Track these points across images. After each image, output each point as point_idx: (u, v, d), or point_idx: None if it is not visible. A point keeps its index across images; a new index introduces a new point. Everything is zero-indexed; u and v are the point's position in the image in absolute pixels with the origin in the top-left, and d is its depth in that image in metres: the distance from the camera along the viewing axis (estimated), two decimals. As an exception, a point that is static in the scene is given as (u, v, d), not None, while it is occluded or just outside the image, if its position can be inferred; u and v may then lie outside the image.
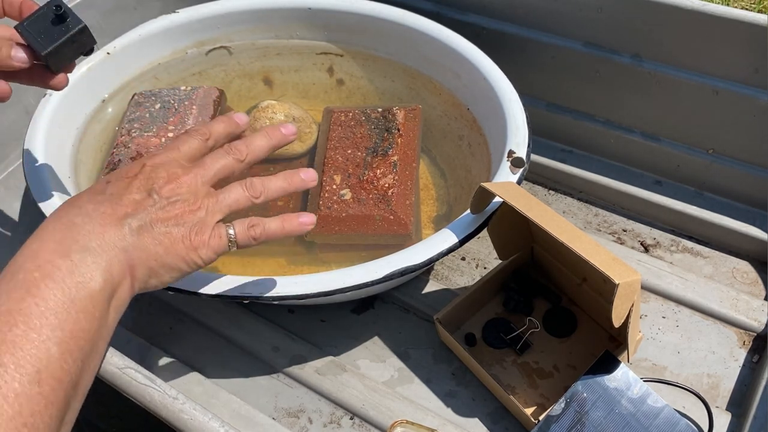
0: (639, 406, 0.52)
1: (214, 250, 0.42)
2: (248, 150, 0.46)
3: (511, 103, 0.63)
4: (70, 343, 0.34)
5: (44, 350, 0.33)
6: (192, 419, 0.43)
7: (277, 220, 0.45)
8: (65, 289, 0.35)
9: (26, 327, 0.33)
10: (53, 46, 0.45)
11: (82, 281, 0.36)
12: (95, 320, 0.36)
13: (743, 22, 0.61)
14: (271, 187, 0.45)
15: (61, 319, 0.34)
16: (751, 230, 0.68)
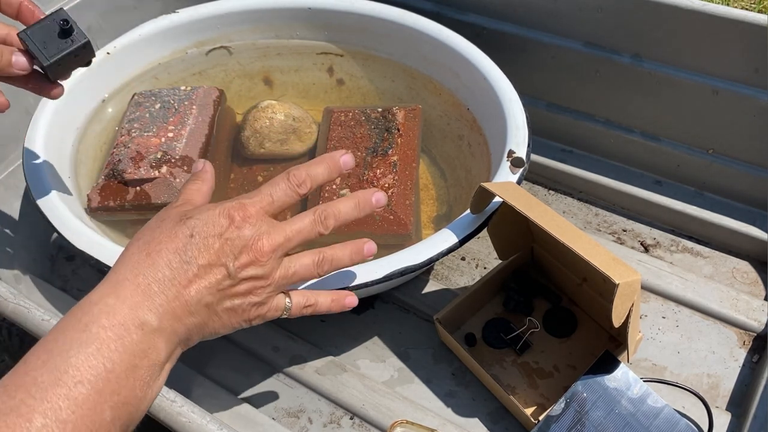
0: (639, 406, 0.52)
1: (265, 319, 0.43)
2: (335, 221, 0.44)
3: (511, 103, 0.63)
4: (121, 410, 0.35)
5: (99, 414, 0.33)
6: (190, 422, 0.43)
7: (328, 302, 0.46)
8: (132, 357, 0.36)
9: (90, 387, 0.33)
10: (56, 58, 0.46)
11: (147, 351, 0.36)
12: (149, 389, 0.37)
13: (743, 22, 0.61)
14: (339, 258, 0.45)
15: (121, 385, 0.35)
16: (751, 230, 0.68)
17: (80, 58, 0.48)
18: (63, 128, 0.67)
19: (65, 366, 0.33)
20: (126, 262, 0.39)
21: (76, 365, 0.33)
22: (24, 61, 0.46)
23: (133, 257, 0.39)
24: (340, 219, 0.44)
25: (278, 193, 0.43)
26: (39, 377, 0.33)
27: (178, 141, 0.67)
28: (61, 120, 0.67)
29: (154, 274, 0.38)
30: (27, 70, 0.46)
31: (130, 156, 0.66)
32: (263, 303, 0.42)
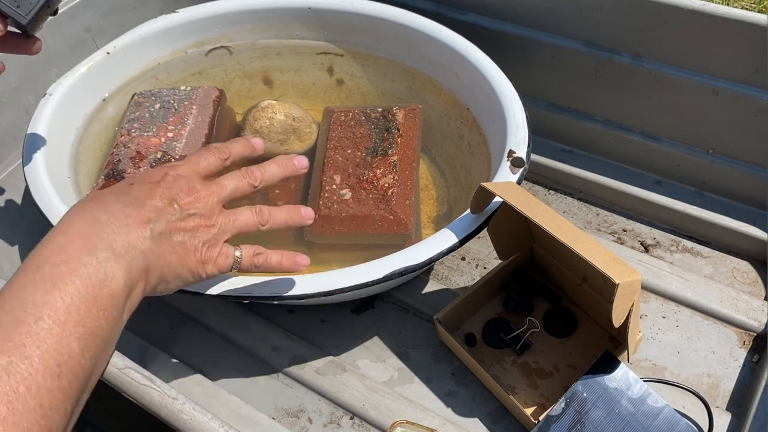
0: (639, 406, 0.52)
1: (219, 267, 0.44)
2: (262, 177, 0.48)
3: (511, 103, 0.63)
4: (89, 340, 0.35)
5: (66, 345, 0.34)
6: (192, 419, 0.43)
7: (278, 255, 0.48)
8: (90, 286, 0.36)
9: (51, 321, 0.34)
10: (33, 14, 0.46)
11: (105, 280, 0.37)
12: (113, 319, 0.37)
13: (743, 22, 0.61)
14: (276, 216, 0.48)
15: (84, 316, 0.35)
16: (751, 230, 0.68)
17: (50, 7, 0.48)
18: (63, 128, 0.67)
19: (23, 306, 0.34)
20: (71, 210, 0.40)
21: (34, 303, 0.34)
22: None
23: (79, 205, 0.41)
24: (266, 174, 0.48)
25: (204, 162, 0.46)
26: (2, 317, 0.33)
27: (178, 141, 0.67)
28: (61, 120, 0.67)
29: (104, 209, 0.40)
30: (1, 32, 0.46)
31: (130, 156, 0.66)
32: (212, 244, 0.44)
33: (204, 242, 0.43)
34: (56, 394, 0.33)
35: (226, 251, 0.45)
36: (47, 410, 0.32)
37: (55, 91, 0.68)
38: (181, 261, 0.42)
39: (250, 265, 0.46)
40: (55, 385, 0.32)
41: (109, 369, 0.47)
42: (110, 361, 0.47)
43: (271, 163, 0.49)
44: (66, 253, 0.36)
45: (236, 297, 0.51)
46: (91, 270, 0.36)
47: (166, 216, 0.42)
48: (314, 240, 0.64)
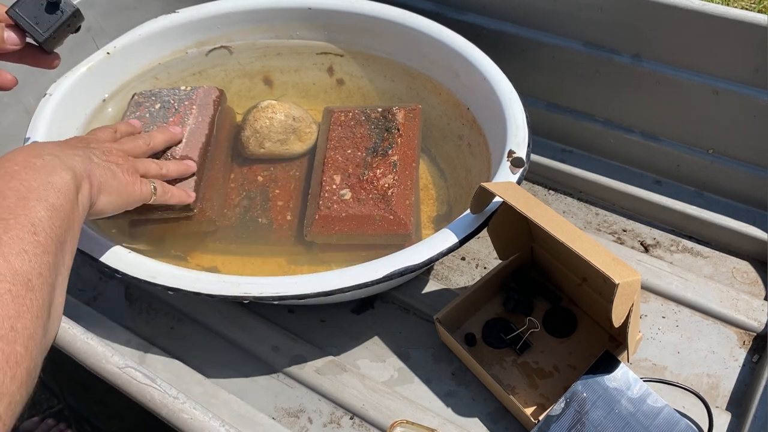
0: (639, 406, 0.52)
1: (143, 192, 0.53)
2: (151, 140, 0.60)
3: (511, 103, 0.63)
4: (53, 213, 0.40)
5: (35, 212, 0.39)
6: (192, 419, 0.43)
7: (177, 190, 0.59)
8: (42, 175, 0.41)
9: (16, 198, 0.39)
10: (51, 31, 0.46)
11: (54, 171, 0.42)
12: (69, 203, 0.42)
13: (743, 22, 0.61)
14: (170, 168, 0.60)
15: (44, 196, 0.40)
16: (751, 230, 0.68)
17: (71, 26, 0.48)
18: (63, 128, 0.67)
19: None
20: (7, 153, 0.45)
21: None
22: (14, 36, 0.46)
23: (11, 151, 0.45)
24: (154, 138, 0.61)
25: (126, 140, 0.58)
26: None
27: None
28: (61, 120, 0.67)
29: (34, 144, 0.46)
30: (20, 45, 0.47)
31: (130, 156, 0.66)
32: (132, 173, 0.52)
33: (126, 169, 0.51)
34: (36, 245, 0.37)
35: (144, 180, 0.54)
36: (32, 255, 0.36)
37: (55, 91, 0.68)
38: (114, 176, 0.49)
39: (162, 194, 0.56)
40: (32, 239, 0.37)
41: (109, 368, 0.47)
42: (110, 360, 0.47)
43: (156, 131, 0.62)
44: (15, 159, 0.42)
45: (236, 297, 0.51)
46: (40, 165, 0.42)
47: (88, 148, 0.50)
48: (314, 240, 0.64)
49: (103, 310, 0.67)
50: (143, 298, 0.69)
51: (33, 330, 0.35)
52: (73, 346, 0.48)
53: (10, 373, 0.32)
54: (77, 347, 0.48)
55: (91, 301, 0.69)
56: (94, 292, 0.70)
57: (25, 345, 0.34)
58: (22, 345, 0.33)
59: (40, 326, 0.35)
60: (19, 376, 0.33)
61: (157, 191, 0.55)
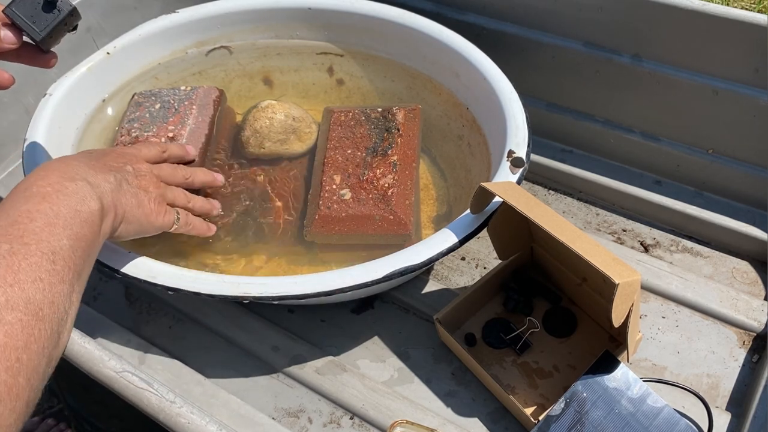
0: (639, 406, 0.52)
1: (166, 220, 0.53)
2: (192, 175, 0.60)
3: (511, 103, 0.63)
4: (76, 242, 0.41)
5: (57, 240, 0.39)
6: (189, 423, 0.43)
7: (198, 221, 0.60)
8: (72, 203, 0.42)
9: (43, 222, 0.39)
10: (48, 30, 0.46)
11: (84, 200, 0.43)
12: (92, 233, 0.43)
13: (743, 22, 0.61)
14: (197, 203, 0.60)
15: (70, 223, 0.41)
16: (751, 230, 0.68)
17: (68, 25, 0.48)
18: (63, 128, 0.67)
19: (17, 212, 0.39)
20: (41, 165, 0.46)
21: (28, 210, 0.40)
22: (11, 35, 0.46)
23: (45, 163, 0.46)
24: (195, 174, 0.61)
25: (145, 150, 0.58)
26: None
27: (178, 141, 0.67)
28: (61, 120, 0.67)
29: (71, 159, 0.47)
30: (16, 44, 0.47)
31: (130, 156, 0.66)
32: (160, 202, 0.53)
33: (153, 198, 0.52)
34: (53, 273, 0.37)
35: (169, 210, 0.54)
36: (47, 284, 0.37)
37: (55, 91, 0.68)
38: (139, 205, 0.50)
39: (184, 224, 0.57)
40: (51, 267, 0.38)
41: (107, 372, 0.47)
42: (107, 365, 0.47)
43: (199, 170, 0.62)
44: (49, 180, 0.43)
45: (236, 297, 0.51)
46: (72, 190, 0.43)
47: (123, 171, 0.50)
48: (314, 240, 0.64)
49: (103, 311, 0.67)
50: (143, 298, 0.69)
51: (37, 362, 0.35)
52: (70, 350, 0.48)
53: (9, 406, 0.32)
54: (74, 351, 0.48)
55: (91, 301, 0.69)
56: (94, 292, 0.70)
57: (28, 377, 0.34)
58: (24, 377, 0.33)
59: (45, 357, 0.35)
60: (18, 409, 0.33)
61: (179, 222, 0.56)
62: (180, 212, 0.56)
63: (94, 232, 0.43)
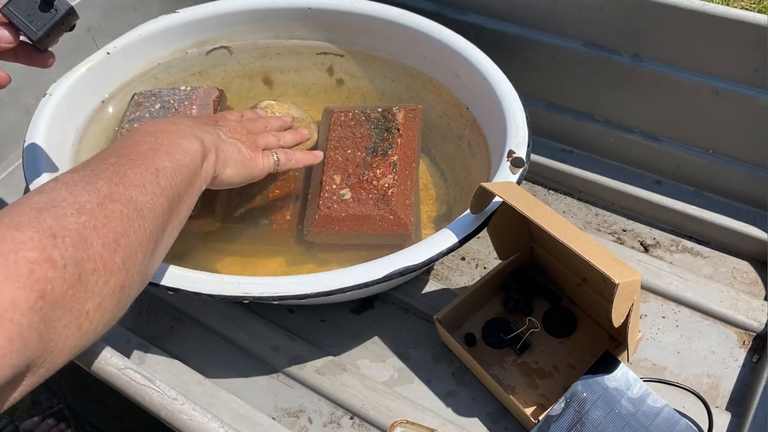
0: (639, 406, 0.52)
1: (266, 164, 0.57)
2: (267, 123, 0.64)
3: (511, 103, 0.63)
4: (177, 167, 0.44)
5: (160, 161, 0.43)
6: (191, 419, 0.43)
7: (300, 153, 0.62)
8: (175, 138, 0.47)
9: (148, 148, 0.44)
10: (44, 30, 0.46)
11: (186, 137, 0.48)
12: (193, 165, 0.47)
13: (743, 22, 0.61)
14: (287, 138, 0.64)
15: (173, 151, 0.45)
16: (751, 230, 0.68)
17: (66, 24, 0.48)
18: (63, 128, 0.67)
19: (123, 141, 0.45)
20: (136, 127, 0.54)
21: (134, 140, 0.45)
22: (8, 34, 0.46)
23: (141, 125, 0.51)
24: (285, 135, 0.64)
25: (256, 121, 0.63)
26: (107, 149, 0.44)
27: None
28: (61, 120, 0.67)
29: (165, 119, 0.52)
30: (13, 43, 0.47)
31: (130, 156, 0.66)
32: (254, 147, 0.57)
33: (248, 145, 0.56)
34: (155, 185, 0.41)
35: (266, 153, 0.58)
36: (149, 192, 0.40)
37: (55, 91, 0.68)
38: (238, 152, 0.54)
39: (285, 160, 0.60)
40: (154, 179, 0.41)
41: (109, 369, 0.47)
42: (110, 362, 0.47)
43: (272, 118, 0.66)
44: (154, 124, 0.48)
45: (236, 297, 0.51)
46: (174, 130, 0.48)
47: (217, 126, 0.55)
48: (314, 240, 0.64)
49: (103, 310, 0.67)
50: (143, 298, 0.69)
51: (134, 249, 0.38)
52: (72, 347, 0.48)
53: (104, 278, 0.35)
54: (77, 348, 0.48)
55: (91, 301, 0.69)
56: (94, 292, 0.70)
57: (124, 259, 0.37)
58: (120, 258, 0.37)
59: (142, 251, 0.39)
60: (112, 283, 0.36)
61: (280, 161, 0.59)
62: (278, 152, 0.59)
63: (195, 163, 0.47)
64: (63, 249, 0.33)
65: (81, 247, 0.34)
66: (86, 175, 0.39)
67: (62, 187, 0.37)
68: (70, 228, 0.34)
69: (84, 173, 0.39)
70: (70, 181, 0.38)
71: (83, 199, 0.36)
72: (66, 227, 0.34)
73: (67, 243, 0.34)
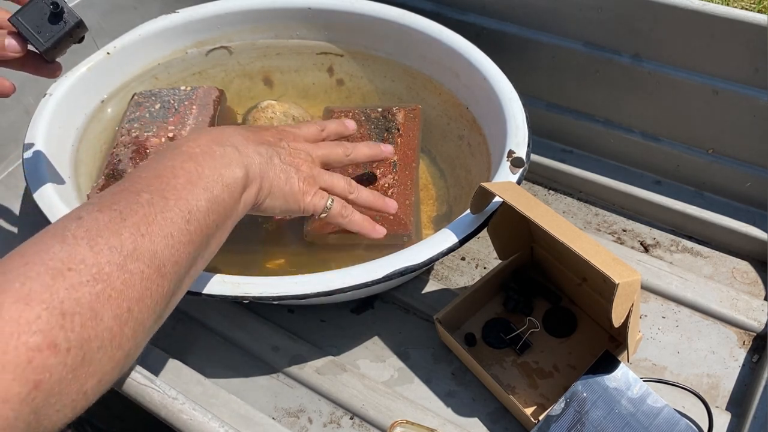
0: (639, 406, 0.52)
1: (314, 204, 0.52)
2: (353, 150, 0.57)
3: (511, 103, 0.63)
4: (213, 205, 0.41)
5: (195, 200, 0.40)
6: (192, 419, 0.43)
7: (361, 216, 0.56)
8: (217, 167, 0.43)
9: (186, 180, 0.40)
10: (52, 42, 0.46)
11: (230, 165, 0.44)
12: (231, 200, 0.43)
13: (743, 22, 0.61)
14: (362, 194, 0.56)
15: (210, 186, 0.42)
16: (751, 230, 0.68)
17: (74, 36, 0.48)
18: (63, 128, 0.67)
19: (163, 167, 0.41)
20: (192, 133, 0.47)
21: (173, 166, 0.41)
22: (16, 44, 0.46)
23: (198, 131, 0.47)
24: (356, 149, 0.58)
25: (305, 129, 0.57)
26: (142, 174, 0.40)
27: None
28: (61, 120, 0.67)
29: (222, 129, 0.48)
30: (21, 53, 0.46)
31: (130, 156, 0.66)
32: (311, 183, 0.51)
33: (305, 178, 0.51)
34: (184, 233, 0.38)
35: (321, 193, 0.52)
36: (176, 242, 0.37)
37: (55, 91, 0.68)
38: (287, 182, 0.49)
39: (338, 213, 0.54)
40: (184, 227, 0.38)
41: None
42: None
43: (362, 144, 0.58)
44: (198, 142, 0.44)
45: (236, 297, 0.51)
46: (219, 154, 0.44)
47: (277, 146, 0.50)
48: (314, 240, 0.64)
49: (103, 310, 0.67)
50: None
51: (146, 316, 0.36)
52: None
53: (109, 353, 0.33)
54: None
55: (91, 301, 0.69)
56: (94, 292, 0.70)
57: (134, 329, 0.35)
58: (131, 328, 0.34)
59: (154, 314, 0.36)
60: (117, 357, 0.34)
61: (332, 210, 0.53)
62: (335, 200, 0.53)
63: (234, 198, 0.44)
64: (70, 330, 0.31)
65: (90, 324, 0.32)
66: (113, 219, 0.36)
67: (84, 239, 0.34)
68: (83, 302, 0.32)
69: (112, 215, 0.36)
70: (94, 228, 0.35)
71: (104, 260, 0.33)
72: (78, 301, 0.31)
73: (76, 322, 0.31)
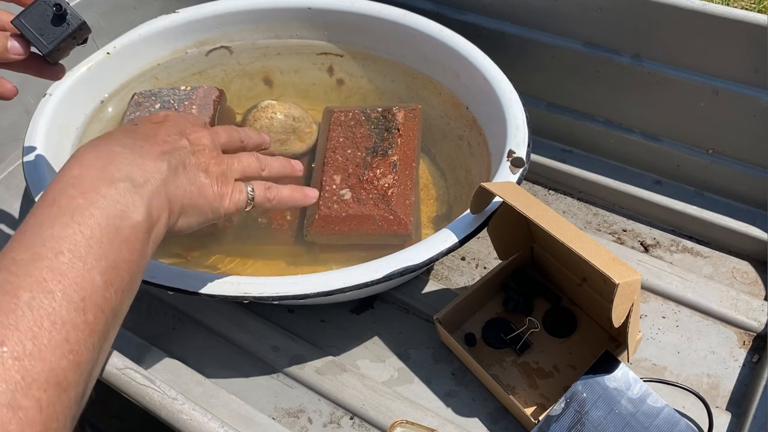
0: (639, 406, 0.52)
1: (235, 203, 0.45)
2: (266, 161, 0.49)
3: (511, 103, 0.63)
4: (112, 274, 0.34)
5: (89, 279, 0.33)
6: (191, 419, 0.43)
7: (288, 189, 0.49)
8: (110, 218, 0.35)
9: (72, 255, 0.33)
10: (54, 44, 0.46)
11: (126, 211, 0.36)
12: (136, 251, 0.36)
13: (743, 22, 0.61)
14: (272, 165, 0.49)
15: (106, 249, 0.34)
16: (751, 230, 0.68)
17: (77, 38, 0.48)
18: (63, 128, 0.67)
19: (41, 240, 0.32)
20: (83, 146, 0.39)
21: (53, 237, 0.33)
22: (19, 46, 0.46)
23: (89, 142, 0.40)
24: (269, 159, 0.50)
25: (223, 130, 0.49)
26: (17, 256, 0.32)
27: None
28: (61, 120, 0.67)
29: (116, 141, 0.39)
30: (23, 55, 0.46)
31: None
32: (224, 181, 0.44)
33: (217, 177, 0.44)
34: (82, 328, 0.32)
35: (239, 187, 0.45)
36: (74, 345, 0.31)
37: (55, 91, 0.68)
38: (200, 192, 0.42)
39: (263, 199, 0.47)
40: (80, 320, 0.32)
41: (109, 369, 0.47)
42: (110, 362, 0.47)
43: (275, 158, 0.51)
44: (82, 185, 0.35)
45: (236, 297, 0.51)
46: (110, 201, 0.35)
47: (178, 149, 0.42)
48: (314, 240, 0.64)
49: (103, 310, 0.67)
50: (143, 298, 0.69)
51: None
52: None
53: None
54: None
55: (91, 301, 0.69)
56: (94, 292, 0.70)
57: None
58: None
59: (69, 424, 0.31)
60: None
61: (256, 199, 0.47)
62: (255, 187, 0.47)
63: (138, 249, 0.36)
64: None
65: None
66: None
67: None
68: None
69: None
70: None
71: None
72: None
73: None
